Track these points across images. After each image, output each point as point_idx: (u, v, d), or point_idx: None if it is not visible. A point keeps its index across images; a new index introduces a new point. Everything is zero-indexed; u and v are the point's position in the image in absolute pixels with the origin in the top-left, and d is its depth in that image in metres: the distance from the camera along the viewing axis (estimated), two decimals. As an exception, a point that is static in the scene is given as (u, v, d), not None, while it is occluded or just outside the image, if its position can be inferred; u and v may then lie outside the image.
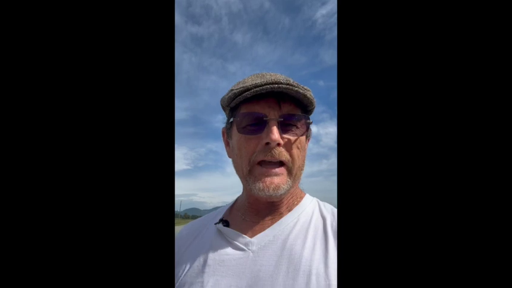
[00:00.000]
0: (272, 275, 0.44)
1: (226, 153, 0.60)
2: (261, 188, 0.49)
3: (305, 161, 0.56)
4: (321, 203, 0.58)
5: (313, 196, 0.60)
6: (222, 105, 0.58)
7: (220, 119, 0.63)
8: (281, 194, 0.50)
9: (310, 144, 0.60)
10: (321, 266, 0.44)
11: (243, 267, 0.47)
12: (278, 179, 0.49)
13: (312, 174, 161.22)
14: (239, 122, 0.51)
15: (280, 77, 0.50)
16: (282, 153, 0.49)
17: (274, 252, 0.47)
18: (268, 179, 0.49)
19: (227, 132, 0.58)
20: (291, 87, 0.47)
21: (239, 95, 0.50)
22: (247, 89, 0.48)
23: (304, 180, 0.58)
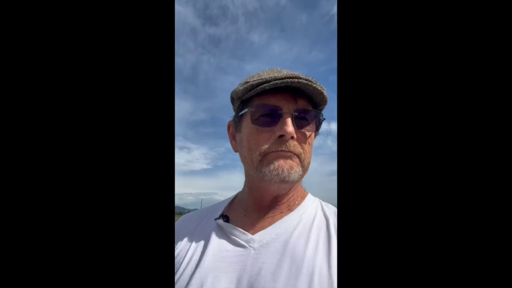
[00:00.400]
0: (274, 273, 0.43)
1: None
2: (275, 168, 0.48)
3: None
4: (323, 203, 0.58)
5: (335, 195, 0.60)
6: (232, 97, 0.58)
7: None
8: (293, 180, 0.49)
9: (329, 142, 0.60)
10: (324, 266, 0.43)
11: (243, 264, 0.46)
12: (292, 162, 0.49)
13: (332, 173, 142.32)
14: (253, 113, 0.51)
15: (298, 73, 0.50)
16: (296, 147, 0.49)
17: (277, 251, 0.46)
18: (282, 161, 0.48)
19: (235, 126, 0.58)
20: (309, 83, 0.47)
21: (256, 86, 0.49)
22: (266, 81, 0.48)
23: (324, 179, 0.58)
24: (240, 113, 0.54)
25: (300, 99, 0.50)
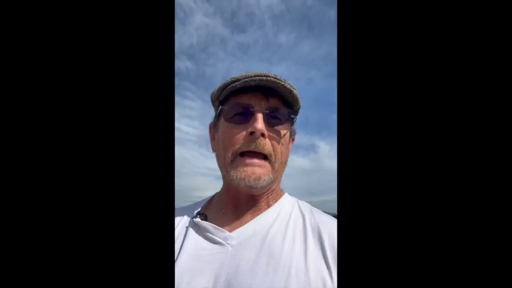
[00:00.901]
0: (252, 269, 0.43)
1: None
2: (242, 177, 0.49)
3: (287, 162, 0.57)
4: (299, 201, 0.59)
5: None
6: (212, 99, 0.59)
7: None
8: (261, 186, 0.50)
9: None
10: (301, 260, 0.44)
11: (221, 262, 0.46)
12: (260, 170, 0.50)
13: None
14: (227, 112, 0.52)
15: (262, 73, 0.51)
16: (266, 146, 0.50)
17: (254, 247, 0.47)
18: (249, 169, 0.49)
19: (214, 126, 0.59)
20: (278, 81, 0.49)
21: (228, 85, 0.51)
22: (237, 80, 0.50)
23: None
24: (217, 112, 0.56)
25: (272, 98, 0.52)
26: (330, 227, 0.48)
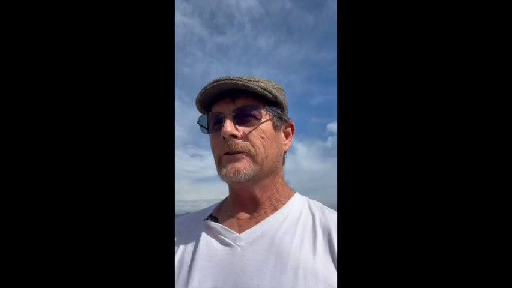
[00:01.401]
0: (259, 270, 0.44)
1: None
2: (224, 173, 0.51)
3: (282, 154, 0.57)
4: (310, 200, 0.58)
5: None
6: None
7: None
8: (244, 179, 0.51)
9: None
10: (309, 260, 0.44)
11: (230, 262, 0.47)
12: (239, 164, 0.51)
13: None
14: (209, 123, 0.56)
15: (234, 77, 0.53)
16: (239, 145, 0.51)
17: (262, 248, 0.47)
18: (229, 165, 0.51)
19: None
20: (228, 81, 0.50)
21: (197, 100, 0.55)
22: (199, 93, 0.54)
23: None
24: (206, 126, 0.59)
25: (239, 99, 0.52)
26: None
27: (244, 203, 0.56)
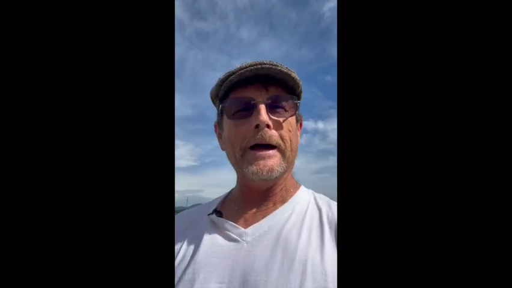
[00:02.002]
0: (267, 265, 0.43)
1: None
2: (255, 171, 0.48)
3: (298, 148, 0.56)
4: (316, 194, 0.57)
5: (321, 193, 0.59)
6: (211, 98, 0.58)
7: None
8: (276, 177, 0.49)
9: (316, 140, 0.60)
10: (316, 256, 0.43)
11: (236, 258, 0.46)
12: (271, 161, 0.49)
13: (319, 171, 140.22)
14: (228, 109, 0.51)
15: (265, 60, 0.50)
16: (273, 137, 0.49)
17: (269, 243, 0.46)
18: (261, 162, 0.48)
19: (218, 125, 0.59)
20: (274, 66, 0.47)
21: (225, 80, 0.50)
22: (233, 73, 0.49)
23: (311, 177, 0.58)
24: (219, 111, 0.55)
25: (271, 86, 0.50)
26: None
27: (253, 197, 0.55)
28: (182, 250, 0.51)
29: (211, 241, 0.50)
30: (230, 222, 0.51)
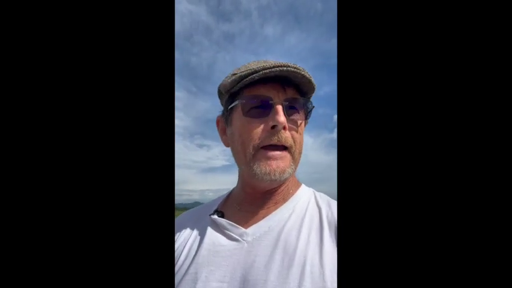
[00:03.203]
0: (266, 265, 0.44)
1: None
2: (267, 171, 0.48)
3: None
4: (317, 193, 0.57)
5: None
6: (220, 91, 0.58)
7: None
8: (285, 179, 0.50)
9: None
10: (315, 256, 0.43)
11: (237, 258, 0.47)
12: (283, 163, 0.49)
13: None
14: (244, 105, 0.50)
15: (286, 62, 0.50)
16: (288, 138, 0.49)
17: (269, 243, 0.47)
18: (274, 163, 0.49)
19: (224, 120, 0.58)
20: (298, 70, 0.47)
21: (245, 77, 0.49)
22: (255, 71, 0.47)
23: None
24: (230, 106, 0.54)
25: (289, 88, 0.50)
26: None
27: (256, 196, 0.55)
28: (185, 249, 0.52)
29: (213, 241, 0.50)
30: (231, 222, 0.52)
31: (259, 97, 0.49)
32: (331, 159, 33.93)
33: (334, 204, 0.53)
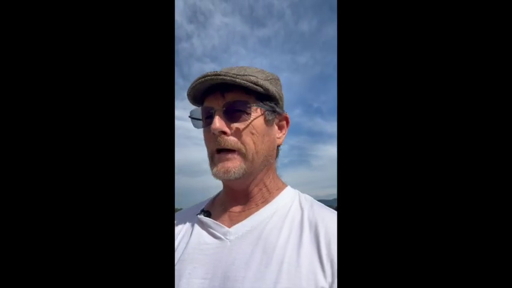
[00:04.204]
0: (246, 263, 0.46)
1: (309, 147, 0.62)
2: (215, 172, 0.52)
3: (275, 147, 0.58)
4: (301, 195, 0.59)
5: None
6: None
7: (298, 114, 0.57)
8: (235, 178, 0.52)
9: None
10: (293, 255, 0.45)
11: (219, 256, 0.49)
12: (229, 163, 0.52)
13: None
14: (202, 117, 0.56)
15: (226, 69, 0.53)
16: (228, 142, 0.51)
17: (251, 242, 0.49)
18: (220, 164, 0.52)
19: None
20: (220, 76, 0.49)
21: (187, 94, 0.55)
22: (188, 93, 0.54)
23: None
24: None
25: (229, 93, 0.52)
26: (328, 221, 0.48)
27: (237, 197, 0.57)
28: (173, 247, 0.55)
29: (199, 239, 0.53)
30: (215, 221, 0.54)
31: (205, 108, 0.55)
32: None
33: (317, 205, 0.54)
